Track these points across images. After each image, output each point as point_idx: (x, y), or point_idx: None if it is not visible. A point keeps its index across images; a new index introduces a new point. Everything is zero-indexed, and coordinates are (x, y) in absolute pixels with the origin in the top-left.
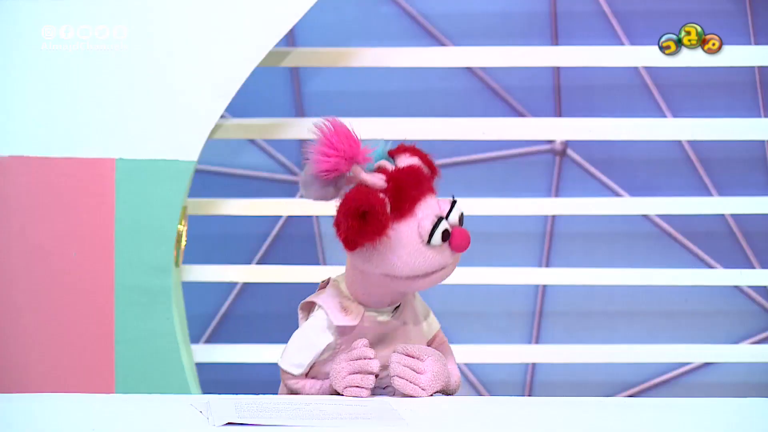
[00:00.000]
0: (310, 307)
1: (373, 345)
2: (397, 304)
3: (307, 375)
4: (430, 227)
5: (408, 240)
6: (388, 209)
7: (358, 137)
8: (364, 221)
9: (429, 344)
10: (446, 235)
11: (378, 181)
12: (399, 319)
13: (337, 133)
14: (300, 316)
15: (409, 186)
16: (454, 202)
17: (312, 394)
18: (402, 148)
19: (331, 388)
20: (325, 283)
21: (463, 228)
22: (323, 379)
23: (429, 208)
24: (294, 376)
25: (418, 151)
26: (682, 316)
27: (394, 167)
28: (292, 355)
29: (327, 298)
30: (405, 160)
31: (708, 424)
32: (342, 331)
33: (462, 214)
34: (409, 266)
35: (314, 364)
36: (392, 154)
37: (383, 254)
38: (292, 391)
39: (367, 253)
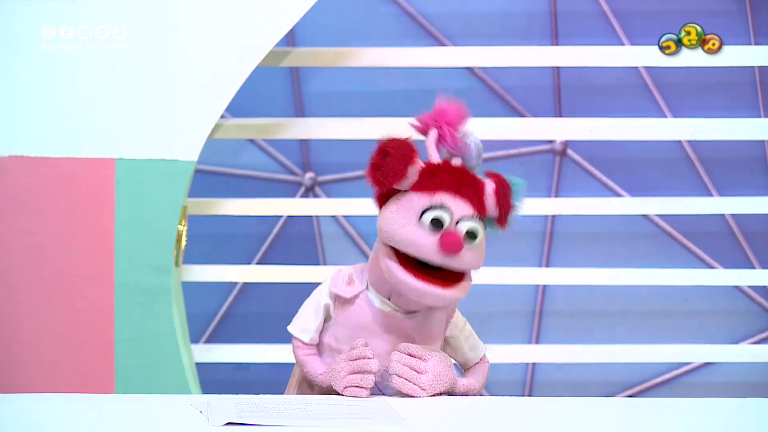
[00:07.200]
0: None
1: (367, 331)
2: (412, 310)
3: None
4: (427, 206)
5: (409, 208)
6: (418, 162)
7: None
8: (384, 160)
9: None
10: (438, 225)
11: (434, 154)
12: (410, 320)
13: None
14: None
15: (446, 175)
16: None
17: (312, 375)
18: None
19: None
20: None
21: (461, 238)
22: (324, 349)
23: (446, 200)
24: (304, 344)
25: (506, 186)
26: (682, 316)
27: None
28: (299, 319)
29: (346, 268)
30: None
31: (708, 424)
32: (339, 301)
33: (473, 233)
34: (398, 234)
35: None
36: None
37: (391, 213)
38: (299, 363)
39: (385, 211)
